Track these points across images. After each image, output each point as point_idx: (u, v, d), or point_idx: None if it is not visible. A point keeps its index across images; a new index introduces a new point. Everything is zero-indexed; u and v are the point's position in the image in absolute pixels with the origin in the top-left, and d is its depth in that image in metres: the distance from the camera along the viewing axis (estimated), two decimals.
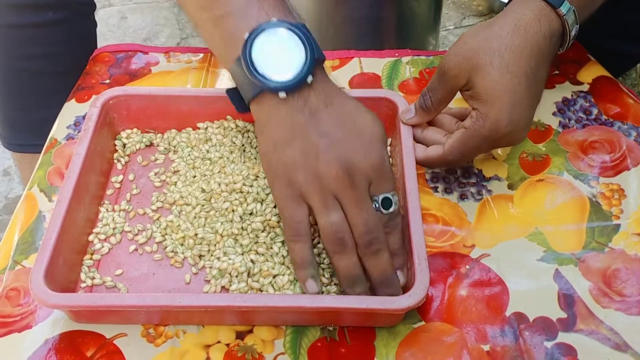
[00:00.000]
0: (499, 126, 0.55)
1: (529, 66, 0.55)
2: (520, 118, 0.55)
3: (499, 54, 0.54)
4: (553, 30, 0.56)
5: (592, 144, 0.66)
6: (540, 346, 0.51)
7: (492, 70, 0.54)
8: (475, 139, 0.56)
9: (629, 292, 0.54)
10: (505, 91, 0.54)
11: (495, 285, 0.55)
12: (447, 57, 0.57)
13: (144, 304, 0.48)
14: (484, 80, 0.54)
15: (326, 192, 0.49)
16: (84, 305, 0.49)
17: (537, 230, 0.58)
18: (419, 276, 0.49)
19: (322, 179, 0.49)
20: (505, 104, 0.54)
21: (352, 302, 0.49)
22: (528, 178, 0.63)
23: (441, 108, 0.59)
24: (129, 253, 0.56)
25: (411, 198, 0.53)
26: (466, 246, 0.57)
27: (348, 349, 0.51)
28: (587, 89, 0.71)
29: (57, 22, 0.76)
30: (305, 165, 0.49)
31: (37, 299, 0.48)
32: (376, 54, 0.76)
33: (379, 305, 0.48)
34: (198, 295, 0.49)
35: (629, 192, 0.61)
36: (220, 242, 0.55)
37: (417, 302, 0.47)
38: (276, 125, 0.50)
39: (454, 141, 0.57)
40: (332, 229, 0.50)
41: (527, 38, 0.55)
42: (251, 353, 0.51)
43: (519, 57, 0.54)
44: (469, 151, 0.57)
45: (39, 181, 0.62)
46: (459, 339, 0.51)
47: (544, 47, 0.56)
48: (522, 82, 0.54)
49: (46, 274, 0.49)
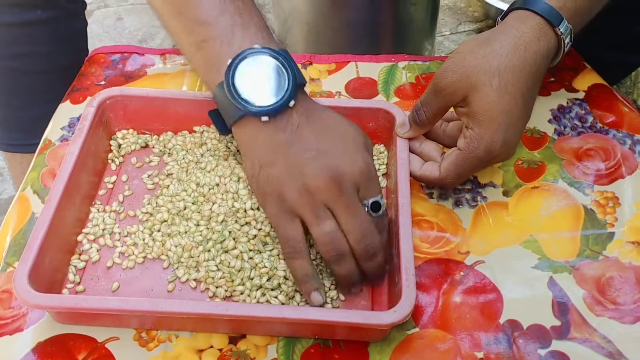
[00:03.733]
0: (493, 148, 0.55)
1: (526, 86, 0.55)
2: (513, 138, 0.55)
3: (498, 73, 0.54)
4: (550, 50, 0.56)
5: (587, 151, 0.66)
6: (534, 354, 0.51)
7: (491, 91, 0.54)
8: (470, 160, 0.56)
9: (623, 300, 0.54)
10: (502, 113, 0.54)
11: (489, 292, 0.55)
12: (443, 72, 0.56)
13: (126, 307, 0.48)
14: (482, 102, 0.54)
15: (316, 203, 0.50)
16: (66, 307, 0.49)
17: (531, 238, 0.58)
18: (406, 292, 0.48)
19: (311, 192, 0.50)
20: (501, 126, 0.54)
21: (337, 315, 0.48)
22: (523, 185, 0.63)
23: (435, 122, 0.59)
24: (117, 255, 0.56)
25: (402, 212, 0.53)
26: (461, 253, 0.57)
27: (341, 355, 0.51)
28: (583, 97, 0.71)
29: (46, 20, 0.75)
30: (291, 181, 0.50)
31: (20, 299, 0.48)
32: (373, 58, 0.76)
33: (363, 320, 0.47)
34: (181, 302, 0.49)
35: (623, 200, 0.61)
36: (211, 245, 0.55)
37: (403, 318, 0.47)
38: (260, 146, 0.52)
39: (449, 164, 0.57)
40: (327, 239, 0.50)
41: (526, 58, 0.55)
42: (244, 358, 0.50)
43: (518, 77, 0.54)
44: (464, 172, 0.57)
45: (32, 183, 0.62)
46: (452, 346, 0.51)
47: (541, 65, 0.56)
48: (519, 102, 0.54)
49: (31, 273, 0.48)
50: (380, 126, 0.63)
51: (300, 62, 0.75)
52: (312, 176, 0.50)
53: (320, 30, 1.10)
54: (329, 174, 0.50)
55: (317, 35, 1.11)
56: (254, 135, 0.52)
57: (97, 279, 0.55)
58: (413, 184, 0.62)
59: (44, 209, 0.52)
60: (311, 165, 0.50)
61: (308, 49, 1.12)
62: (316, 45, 1.12)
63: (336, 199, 0.50)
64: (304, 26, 1.10)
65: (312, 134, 0.52)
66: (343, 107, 0.62)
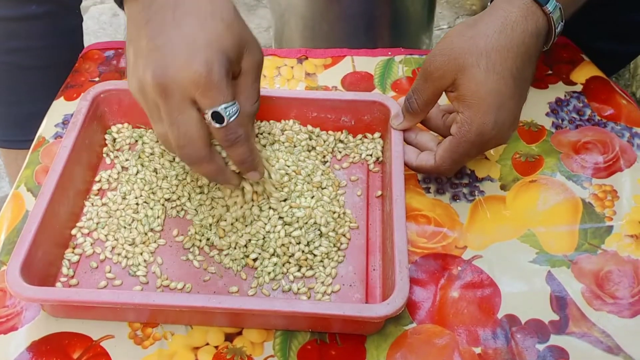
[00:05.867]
0: (484, 130, 0.54)
1: (515, 66, 0.54)
2: (506, 119, 0.54)
3: (486, 54, 0.53)
4: (539, 29, 0.56)
5: (585, 144, 0.65)
6: (532, 349, 0.50)
7: (479, 72, 0.53)
8: (464, 145, 0.55)
9: (622, 294, 0.53)
10: (491, 93, 0.53)
11: (487, 287, 0.54)
12: (432, 56, 0.56)
13: (118, 300, 0.47)
14: (470, 83, 0.54)
15: (148, 102, 0.48)
16: (58, 300, 0.49)
17: (529, 232, 0.58)
18: (399, 284, 0.48)
19: (142, 89, 0.48)
20: (491, 107, 0.53)
21: (330, 308, 0.48)
22: (521, 179, 0.62)
23: (428, 109, 0.59)
24: (110, 250, 0.56)
25: (396, 206, 0.53)
26: (458, 247, 0.57)
27: (338, 351, 0.50)
28: (581, 90, 0.71)
29: (40, 15, 0.75)
30: (134, 70, 0.48)
31: (12, 292, 0.47)
32: (369, 52, 0.75)
33: (356, 312, 0.47)
34: (173, 295, 0.49)
35: (622, 194, 0.61)
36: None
37: (396, 311, 0.47)
38: (129, 23, 0.50)
39: (443, 151, 0.56)
40: (161, 140, 0.49)
41: (513, 37, 0.54)
42: (240, 355, 0.50)
43: (505, 57, 0.53)
44: (459, 158, 0.56)
45: (26, 180, 0.62)
46: (450, 341, 0.51)
47: (530, 45, 0.55)
48: (509, 82, 0.54)
49: (23, 267, 0.48)
50: (375, 119, 0.63)
51: (296, 56, 0.74)
52: (141, 74, 0.47)
53: (316, 24, 1.10)
54: (155, 72, 0.46)
55: (314, 29, 1.10)
56: (128, 12, 0.50)
57: (91, 272, 0.54)
58: (410, 178, 0.61)
59: (36, 203, 0.52)
60: (143, 61, 0.47)
61: (305, 44, 1.11)
62: (313, 39, 1.11)
63: (159, 102, 0.47)
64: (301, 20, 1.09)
65: (165, 24, 0.48)
66: (338, 100, 0.62)
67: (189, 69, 0.46)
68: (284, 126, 0.63)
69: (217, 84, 0.47)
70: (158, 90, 0.47)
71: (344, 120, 0.63)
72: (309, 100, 0.63)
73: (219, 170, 0.52)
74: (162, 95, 0.47)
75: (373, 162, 0.62)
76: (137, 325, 0.52)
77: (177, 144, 0.48)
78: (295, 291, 0.53)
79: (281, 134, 0.62)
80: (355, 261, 0.55)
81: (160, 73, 0.46)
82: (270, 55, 0.75)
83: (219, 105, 0.47)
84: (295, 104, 0.63)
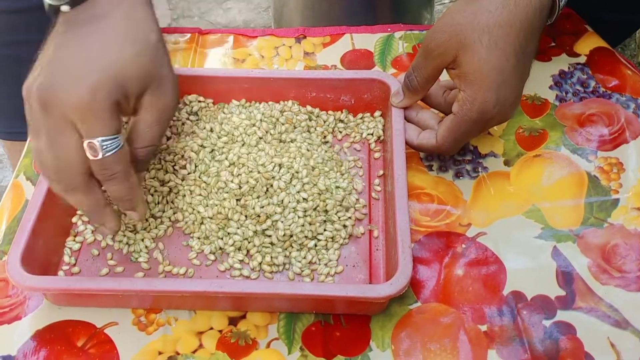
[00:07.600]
0: (486, 107, 0.53)
1: (518, 42, 0.53)
2: (508, 97, 0.53)
3: (488, 30, 0.52)
4: (543, 3, 0.54)
5: (590, 117, 0.64)
6: (538, 325, 0.50)
7: (481, 48, 0.52)
8: (465, 123, 0.54)
9: (629, 268, 0.53)
10: (493, 70, 0.52)
11: (492, 264, 0.54)
12: (432, 33, 0.55)
13: (119, 287, 0.47)
14: (472, 60, 0.52)
15: (32, 111, 0.45)
16: (59, 289, 0.49)
17: (534, 207, 0.57)
18: (402, 264, 0.47)
19: (28, 95, 0.45)
20: (493, 84, 0.52)
21: (334, 290, 0.47)
22: (525, 154, 0.61)
23: (428, 87, 0.58)
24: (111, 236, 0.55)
25: (398, 185, 0.52)
26: (462, 225, 0.56)
27: (343, 332, 0.50)
28: (585, 61, 0.69)
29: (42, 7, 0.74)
30: (30, 75, 0.46)
31: (13, 281, 0.47)
32: (368, 29, 0.74)
33: (360, 293, 0.47)
34: (175, 280, 0.49)
35: (627, 166, 0.60)
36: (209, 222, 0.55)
37: (399, 290, 0.46)
38: (53, 30, 0.48)
39: (445, 130, 0.55)
40: (35, 157, 0.46)
41: (516, 12, 0.53)
42: (244, 339, 0.50)
43: (508, 33, 0.52)
44: (461, 137, 0.55)
45: (26, 169, 0.61)
46: (455, 320, 0.50)
47: (533, 20, 0.54)
48: (511, 59, 0.52)
49: (23, 256, 0.48)
50: (375, 97, 0.62)
51: (294, 35, 0.73)
52: (30, 82, 0.45)
53: (316, 3, 1.08)
54: (39, 87, 0.44)
55: (314, 8, 1.09)
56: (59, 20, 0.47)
57: (93, 259, 0.54)
58: (412, 156, 0.61)
59: (35, 191, 0.52)
60: (39, 70, 0.45)
61: (304, 23, 1.10)
62: (312, 18, 1.10)
63: (41, 119, 0.45)
64: None
65: (72, 40, 0.46)
66: (337, 79, 0.61)
67: (72, 91, 0.43)
68: (283, 107, 0.62)
69: (97, 113, 0.44)
70: (39, 103, 0.44)
71: (343, 99, 0.63)
72: (308, 80, 0.62)
73: (95, 206, 0.48)
74: (43, 111, 0.44)
75: (374, 141, 0.62)
76: (141, 311, 0.51)
77: (52, 165, 0.45)
78: (299, 272, 0.53)
79: (280, 115, 0.61)
80: (358, 242, 0.55)
81: (46, 86, 0.44)
82: (268, 35, 0.73)
83: (96, 137, 0.44)
84: (294, 85, 0.62)
